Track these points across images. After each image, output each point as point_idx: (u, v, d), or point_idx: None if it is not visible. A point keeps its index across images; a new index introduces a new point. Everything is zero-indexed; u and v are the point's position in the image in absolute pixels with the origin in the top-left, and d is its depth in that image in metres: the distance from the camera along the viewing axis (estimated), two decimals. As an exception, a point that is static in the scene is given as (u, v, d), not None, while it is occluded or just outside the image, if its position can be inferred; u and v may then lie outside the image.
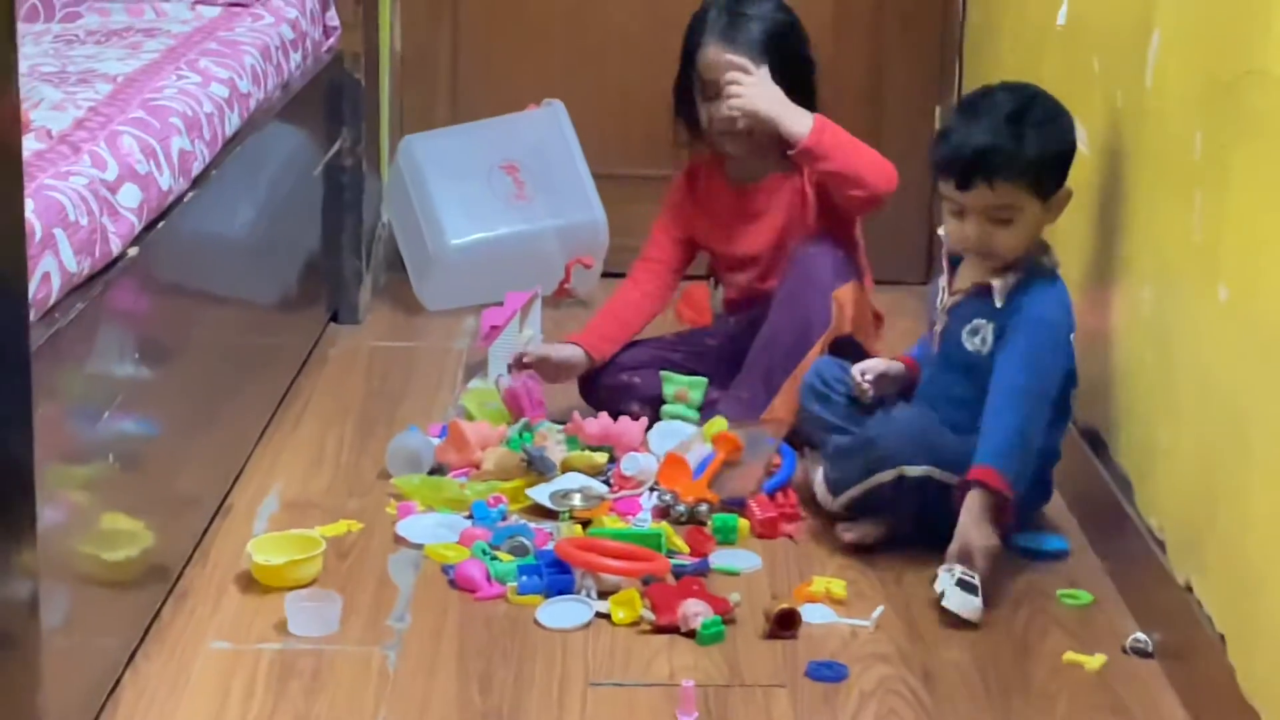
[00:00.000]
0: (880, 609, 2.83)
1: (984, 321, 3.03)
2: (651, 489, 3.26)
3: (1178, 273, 2.79)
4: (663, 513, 3.17)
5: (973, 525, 2.85)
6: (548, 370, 3.59)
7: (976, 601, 2.79)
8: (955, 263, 3.15)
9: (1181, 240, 2.76)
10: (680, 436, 3.42)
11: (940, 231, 3.16)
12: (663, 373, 3.58)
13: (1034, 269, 3.03)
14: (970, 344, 3.04)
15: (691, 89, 3.62)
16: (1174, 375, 2.80)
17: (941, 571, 2.83)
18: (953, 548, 2.85)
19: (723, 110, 3.52)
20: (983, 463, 2.89)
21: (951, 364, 3.09)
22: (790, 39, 3.60)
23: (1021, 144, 2.95)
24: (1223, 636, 2.50)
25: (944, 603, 2.79)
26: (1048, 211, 3.02)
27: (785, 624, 2.79)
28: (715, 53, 3.56)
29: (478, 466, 3.32)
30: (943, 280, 3.19)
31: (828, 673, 2.68)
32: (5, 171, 2.01)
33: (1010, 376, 2.94)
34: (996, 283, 3.01)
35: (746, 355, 3.56)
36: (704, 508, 3.16)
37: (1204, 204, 2.68)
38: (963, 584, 2.79)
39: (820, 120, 3.46)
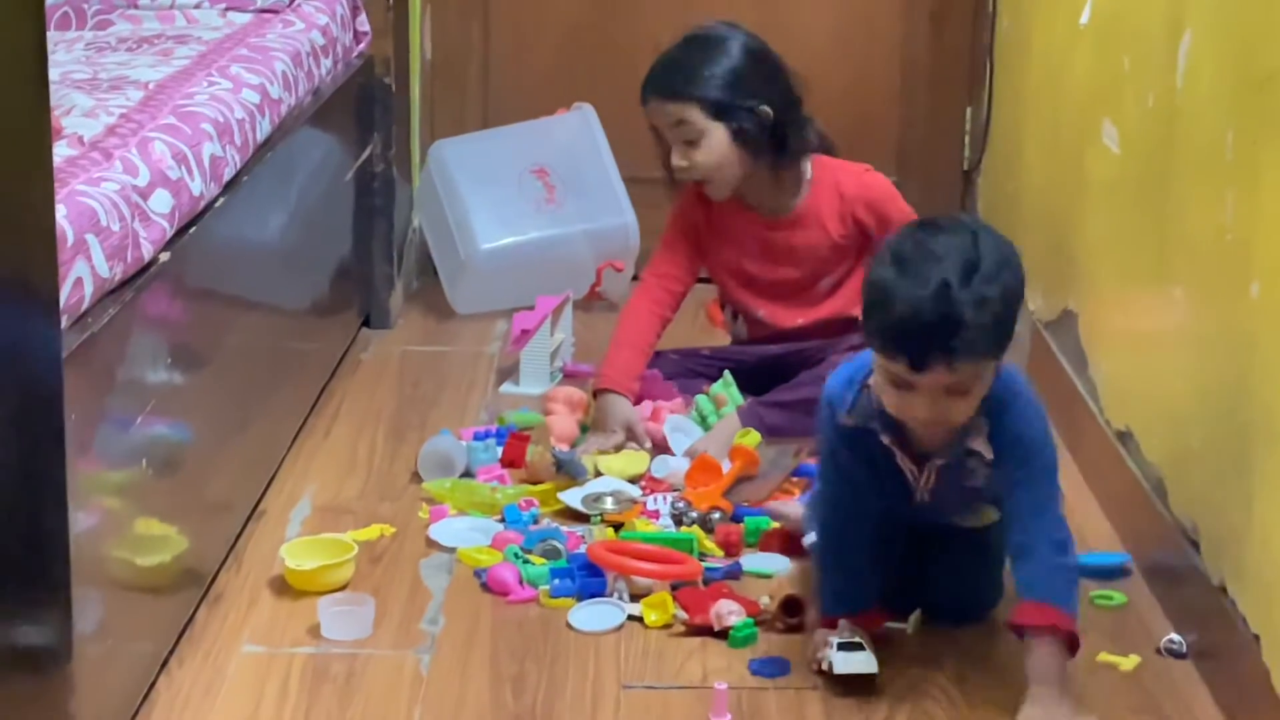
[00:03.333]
0: (918, 612, 2.80)
1: (975, 465, 2.65)
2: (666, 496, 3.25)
3: (1210, 271, 2.78)
4: (676, 519, 3.17)
5: (1056, 701, 2.53)
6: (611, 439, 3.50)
7: (863, 654, 2.61)
8: (889, 424, 2.64)
9: (1214, 238, 2.75)
10: (691, 432, 3.43)
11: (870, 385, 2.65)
12: (727, 374, 3.58)
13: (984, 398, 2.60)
14: (969, 482, 2.69)
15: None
16: (1207, 374, 2.79)
17: (824, 650, 2.64)
18: None
19: (673, 161, 3.52)
20: (1044, 601, 2.55)
21: (943, 503, 2.75)
22: (744, 87, 3.49)
23: (982, 311, 2.47)
24: (1257, 637, 2.49)
25: (835, 671, 2.61)
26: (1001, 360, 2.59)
27: (790, 611, 2.79)
28: (655, 107, 3.53)
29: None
30: (902, 463, 2.68)
31: (771, 669, 2.69)
32: (37, 177, 2.02)
33: (1038, 523, 2.59)
34: (977, 443, 2.61)
35: (775, 380, 3.56)
36: (717, 515, 3.15)
37: (1236, 202, 2.67)
38: (844, 646, 2.62)
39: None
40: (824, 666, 2.63)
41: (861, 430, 2.62)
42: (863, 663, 2.61)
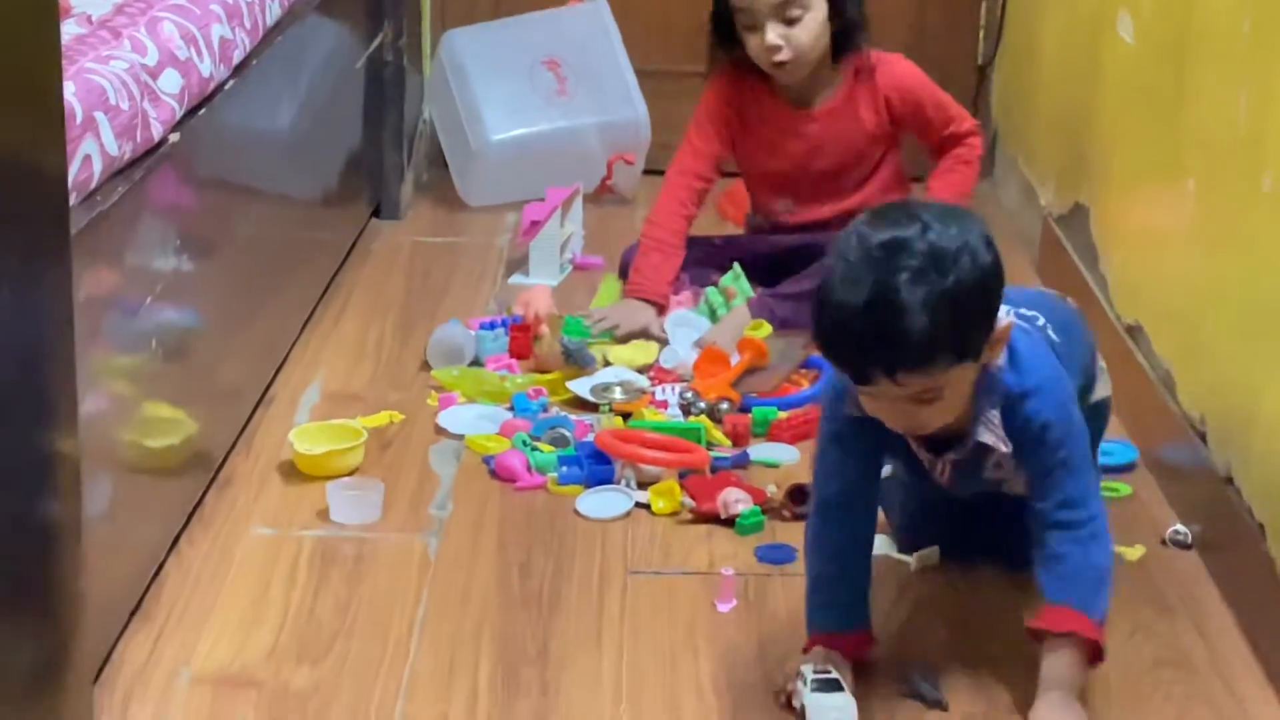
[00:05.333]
0: (935, 549, 2.69)
1: (995, 458, 2.40)
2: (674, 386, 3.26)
3: (1223, 163, 2.77)
4: (685, 409, 3.17)
5: (1064, 704, 2.32)
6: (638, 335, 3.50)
7: (840, 697, 2.29)
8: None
9: (1228, 131, 2.73)
10: (695, 326, 3.44)
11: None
12: (737, 266, 3.57)
13: (995, 384, 2.32)
14: (991, 474, 2.44)
15: (729, 18, 3.54)
16: (1218, 268, 2.78)
17: (797, 685, 2.32)
18: None
19: (767, 40, 3.48)
20: (1064, 604, 2.33)
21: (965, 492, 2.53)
22: None
23: (927, 317, 2.16)
24: (1262, 527, 2.50)
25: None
26: (983, 358, 2.28)
27: (797, 499, 2.80)
28: None
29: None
30: (917, 451, 2.46)
31: (777, 555, 2.70)
32: (45, 54, 2.01)
33: (1064, 517, 2.34)
34: (987, 438, 2.34)
35: (786, 271, 3.55)
36: (725, 406, 3.16)
37: (1250, 95, 2.65)
38: (820, 686, 2.30)
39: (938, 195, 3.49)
40: (795, 706, 2.32)
41: (870, 419, 2.32)
42: (840, 710, 2.28)
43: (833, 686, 2.30)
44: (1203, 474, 2.73)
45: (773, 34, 3.48)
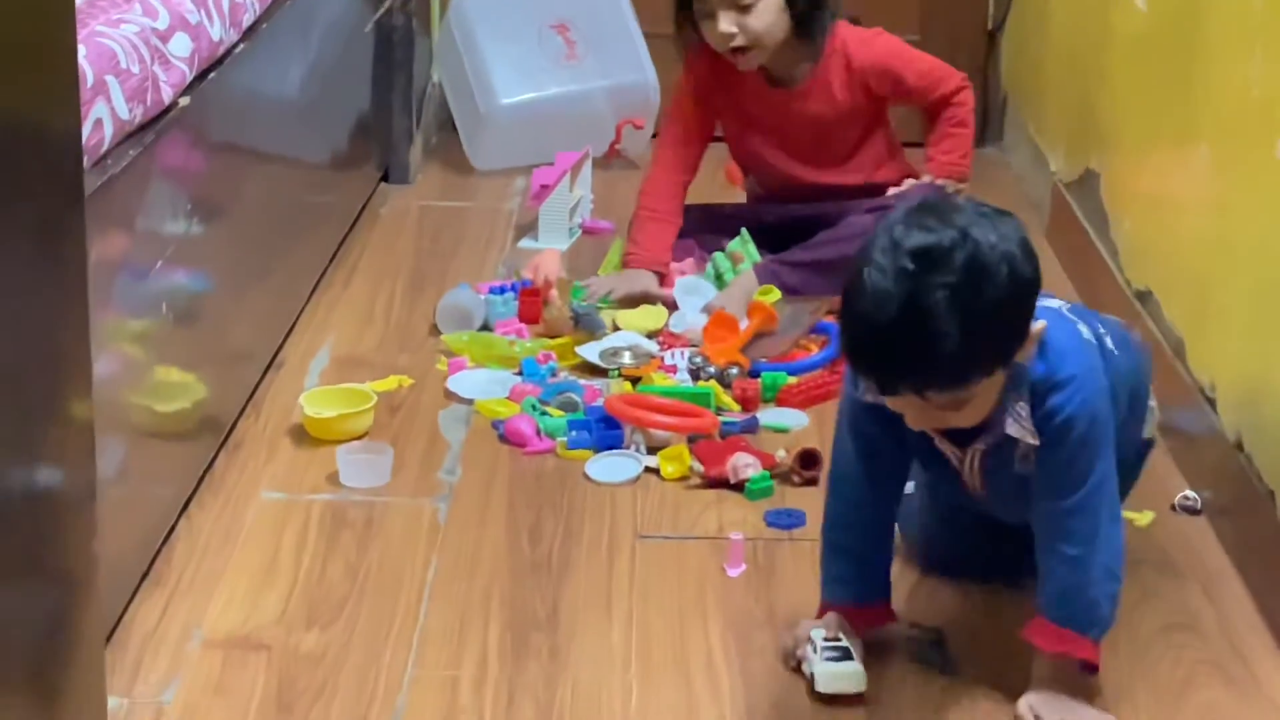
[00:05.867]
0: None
1: (1024, 449, 2.25)
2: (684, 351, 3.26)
3: (1234, 129, 2.76)
4: (694, 374, 3.17)
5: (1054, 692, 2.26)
6: (638, 300, 3.49)
7: (849, 666, 2.27)
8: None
9: (1240, 96, 2.73)
10: (702, 292, 3.44)
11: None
12: (744, 231, 3.56)
13: (1023, 376, 2.19)
14: (1021, 469, 2.28)
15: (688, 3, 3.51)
16: (1230, 233, 2.78)
17: (807, 650, 2.31)
18: None
19: (720, 28, 3.44)
20: (1063, 626, 2.24)
21: (1000, 493, 2.37)
22: None
23: (961, 337, 2.03)
24: (1272, 493, 2.50)
25: (818, 689, 2.27)
26: (1016, 362, 2.16)
27: (807, 463, 2.80)
28: None
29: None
30: (941, 445, 2.34)
31: (786, 520, 2.70)
32: (57, 18, 2.01)
33: (1074, 526, 2.23)
34: (1013, 429, 2.21)
35: (794, 239, 3.55)
36: (734, 371, 3.16)
37: (1263, 59, 2.64)
38: (831, 656, 2.28)
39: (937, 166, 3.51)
40: (805, 673, 2.30)
41: (887, 409, 2.21)
42: (849, 679, 2.26)
43: (843, 655, 2.28)
44: (1213, 440, 2.73)
45: (725, 22, 3.44)
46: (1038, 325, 2.14)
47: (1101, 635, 2.26)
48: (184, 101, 2.58)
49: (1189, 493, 2.78)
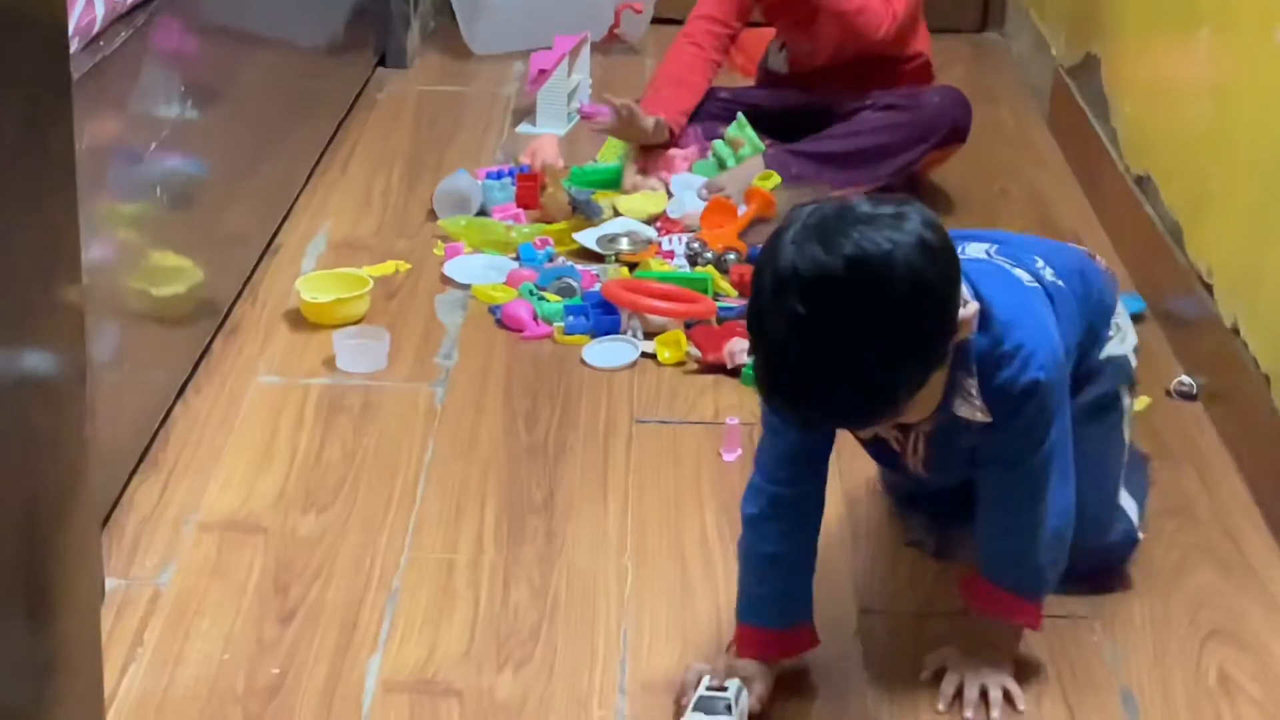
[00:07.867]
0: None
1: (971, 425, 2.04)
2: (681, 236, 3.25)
3: (1236, 14, 2.74)
4: (691, 260, 3.16)
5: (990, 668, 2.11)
6: (627, 124, 3.49)
7: None
8: None
9: (1241, -21, 2.71)
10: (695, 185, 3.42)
11: None
12: (741, 116, 3.53)
13: (967, 354, 1.99)
14: (968, 442, 2.08)
15: None
16: (1229, 119, 2.76)
17: (690, 695, 2.03)
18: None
19: None
20: (999, 585, 2.11)
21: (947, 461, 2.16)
22: None
23: (860, 378, 1.86)
24: (1267, 378, 2.50)
25: None
26: (955, 344, 1.96)
27: None
28: None
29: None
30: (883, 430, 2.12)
31: None
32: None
33: (1021, 493, 2.07)
34: (963, 409, 2.01)
35: (801, 127, 3.52)
36: (732, 256, 3.15)
37: (1265, -59, 2.62)
38: (700, 705, 2.00)
39: None
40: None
41: None
42: None
43: (716, 708, 1.99)
44: (1209, 325, 2.73)
45: None
46: (968, 310, 1.94)
47: (1039, 596, 2.11)
48: (176, -18, 2.56)
49: (1185, 378, 2.78)
